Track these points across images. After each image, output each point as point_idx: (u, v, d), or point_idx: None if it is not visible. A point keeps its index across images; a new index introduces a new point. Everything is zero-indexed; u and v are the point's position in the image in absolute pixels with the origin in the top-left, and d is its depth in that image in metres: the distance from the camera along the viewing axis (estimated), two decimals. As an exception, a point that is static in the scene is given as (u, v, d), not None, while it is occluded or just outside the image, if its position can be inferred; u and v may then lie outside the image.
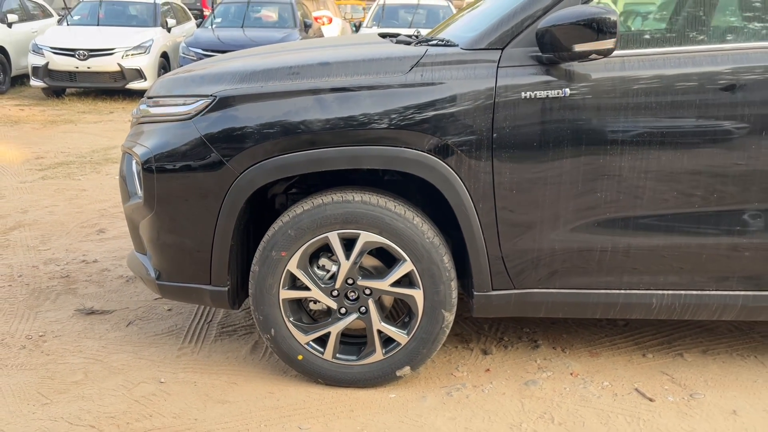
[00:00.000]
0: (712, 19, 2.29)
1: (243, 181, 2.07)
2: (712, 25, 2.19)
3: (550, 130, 1.99)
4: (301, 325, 2.23)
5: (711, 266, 2.10)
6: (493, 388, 2.30)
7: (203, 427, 2.07)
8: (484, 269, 2.14)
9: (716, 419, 2.12)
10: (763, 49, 1.98)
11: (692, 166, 2.00)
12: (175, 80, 2.33)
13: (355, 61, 2.12)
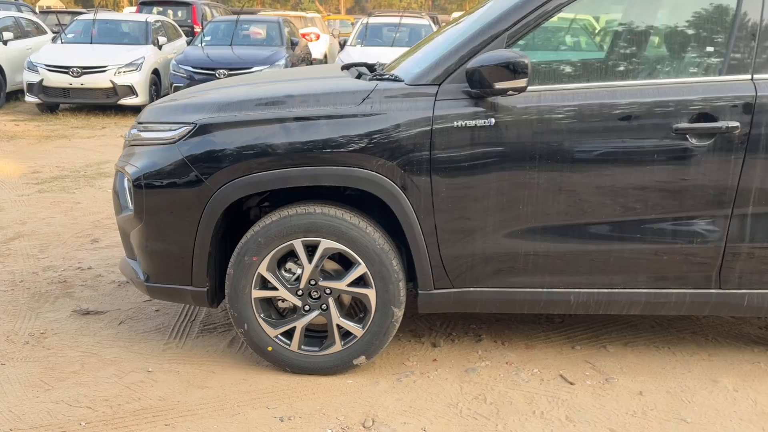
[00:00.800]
0: (612, 59, 2.67)
1: (219, 196, 2.43)
2: (612, 64, 2.57)
3: (479, 153, 2.36)
4: (270, 320, 2.58)
5: (618, 268, 2.47)
6: (438, 375, 2.65)
7: (184, 408, 2.41)
8: (427, 271, 2.50)
9: (624, 398, 2.48)
10: (653, 86, 2.36)
11: (599, 183, 2.37)
12: (163, 108, 2.69)
13: (316, 93, 2.49)
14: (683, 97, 2.32)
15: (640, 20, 2.56)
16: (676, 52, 2.51)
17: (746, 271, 2.44)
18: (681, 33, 2.51)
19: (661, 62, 2.52)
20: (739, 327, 3.07)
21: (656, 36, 2.58)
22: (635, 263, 2.46)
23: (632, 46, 2.57)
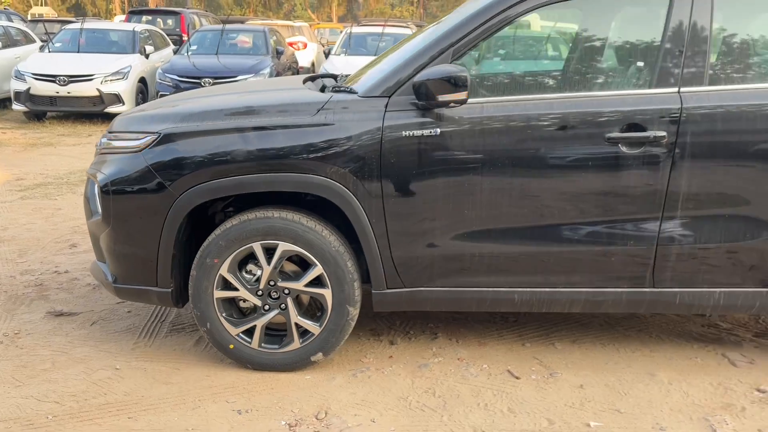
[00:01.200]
0: (551, 72, 2.84)
1: (181, 202, 2.57)
2: (550, 76, 2.73)
3: (426, 161, 2.52)
4: (232, 319, 2.72)
5: (558, 269, 2.62)
6: (392, 370, 2.80)
7: (147, 402, 2.54)
8: (380, 272, 2.65)
9: (565, 391, 2.63)
10: (588, 98, 2.53)
11: (538, 188, 2.53)
12: (131, 119, 2.84)
13: (274, 105, 2.64)
14: (615, 108, 2.49)
15: (578, 37, 2.72)
16: (610, 67, 2.68)
17: (678, 270, 2.59)
18: (615, 48, 2.68)
19: (595, 76, 2.68)
20: (682, 325, 3.23)
21: (591, 51, 2.75)
22: (574, 264, 2.62)
23: (570, 60, 2.73)
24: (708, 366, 2.84)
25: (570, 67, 2.70)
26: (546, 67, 2.98)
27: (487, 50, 2.80)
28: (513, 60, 3.03)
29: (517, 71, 2.97)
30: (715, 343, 3.04)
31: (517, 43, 3.11)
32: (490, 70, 2.81)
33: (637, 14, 2.66)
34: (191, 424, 2.41)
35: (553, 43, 2.98)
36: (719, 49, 2.56)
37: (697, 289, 2.62)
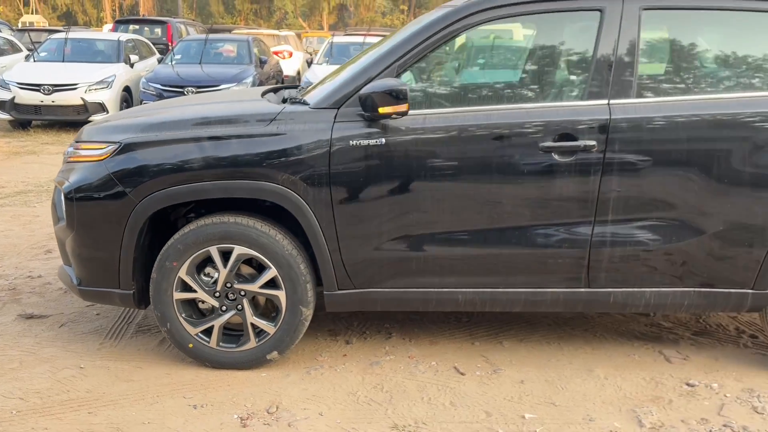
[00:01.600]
0: (490, 84, 3.01)
1: (141, 208, 2.71)
2: (489, 89, 2.90)
3: (372, 169, 2.67)
4: (191, 320, 2.86)
5: (499, 270, 2.78)
6: (345, 368, 2.94)
7: (108, 398, 2.67)
8: (331, 274, 2.79)
9: (506, 386, 2.78)
10: (524, 109, 2.69)
11: (478, 194, 2.69)
12: (95, 129, 2.98)
13: (229, 116, 2.80)
14: (549, 119, 2.65)
15: (515, 52, 2.89)
16: (544, 80, 2.85)
17: (611, 272, 2.75)
18: (549, 62, 2.85)
19: (531, 88, 2.85)
20: (626, 325, 3.39)
21: (527, 65, 2.92)
22: (513, 266, 2.77)
23: (507, 74, 2.90)
24: (644, 362, 3.00)
25: (507, 81, 2.87)
26: (486, 80, 3.15)
27: (430, 65, 2.96)
28: (455, 74, 3.19)
29: (458, 84, 3.13)
30: (654, 341, 3.20)
31: (459, 58, 3.28)
32: (434, 83, 2.97)
33: (570, 31, 2.83)
34: (148, 418, 2.54)
35: (492, 57, 3.16)
36: (645, 64, 2.73)
37: (630, 289, 2.78)
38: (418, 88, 2.84)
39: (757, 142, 2.62)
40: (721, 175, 2.62)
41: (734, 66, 2.76)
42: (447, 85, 3.02)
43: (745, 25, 2.73)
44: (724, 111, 2.64)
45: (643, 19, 2.69)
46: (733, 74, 2.76)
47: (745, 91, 2.71)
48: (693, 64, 2.80)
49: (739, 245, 2.70)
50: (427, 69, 2.92)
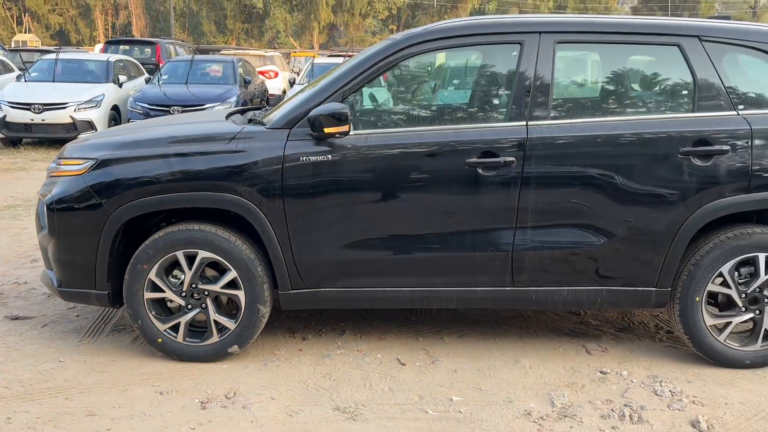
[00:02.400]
0: (425, 108, 3.39)
1: (115, 217, 3.05)
2: (424, 112, 3.28)
3: (320, 182, 3.03)
4: (160, 317, 3.19)
5: (434, 271, 3.13)
6: (299, 360, 3.28)
7: (83, 387, 2.99)
8: (284, 275, 3.14)
9: (440, 374, 3.12)
10: (453, 130, 3.07)
11: (414, 204, 3.05)
12: (76, 147, 3.33)
13: (194, 135, 3.16)
14: (474, 138, 3.03)
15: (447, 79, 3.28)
16: (471, 104, 3.23)
17: (532, 272, 3.11)
18: (476, 89, 3.24)
19: (459, 111, 3.23)
20: (558, 323, 3.75)
21: (457, 91, 3.30)
22: (447, 267, 3.13)
23: (439, 98, 3.28)
24: (567, 354, 3.35)
25: (439, 104, 3.25)
26: (421, 104, 3.53)
27: (373, 89, 3.34)
28: (395, 98, 3.57)
29: (397, 107, 3.51)
30: (580, 337, 3.55)
31: (399, 84, 3.66)
32: (376, 106, 3.35)
33: (495, 61, 3.22)
34: (118, 402, 2.86)
35: (426, 84, 3.54)
36: (558, 90, 3.12)
37: (549, 288, 3.14)
38: (362, 111, 3.22)
39: (654, 158, 3.00)
40: (623, 186, 3.00)
41: (634, 91, 3.15)
42: (387, 107, 3.40)
43: (643, 56, 3.13)
44: (626, 131, 3.03)
45: (557, 52, 3.08)
46: (633, 98, 3.16)
47: (645, 113, 3.10)
48: (599, 90, 3.19)
49: (643, 248, 3.07)
50: (369, 93, 3.30)
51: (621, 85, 3.18)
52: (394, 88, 3.54)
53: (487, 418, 2.76)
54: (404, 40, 3.13)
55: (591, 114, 3.10)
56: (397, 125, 3.19)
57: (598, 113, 3.11)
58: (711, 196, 2.99)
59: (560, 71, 3.12)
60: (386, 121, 3.23)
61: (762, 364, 3.15)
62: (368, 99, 3.29)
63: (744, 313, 3.11)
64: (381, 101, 3.37)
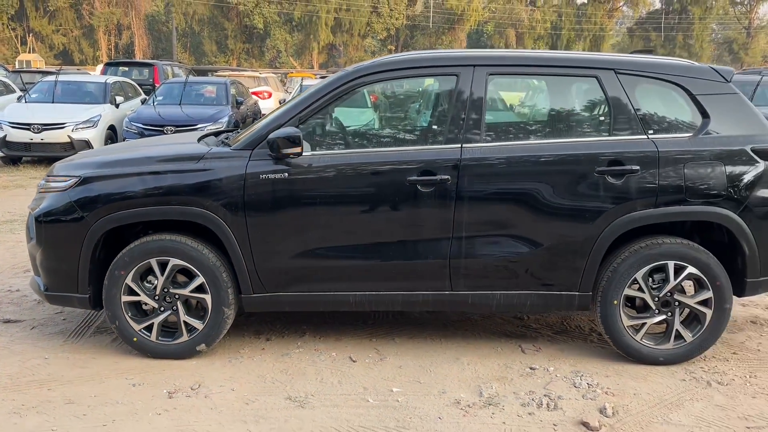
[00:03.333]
0: (372, 132, 3.79)
1: (95, 228, 3.43)
2: (371, 135, 3.67)
3: (278, 197, 3.41)
4: (135, 318, 3.55)
5: (380, 277, 3.49)
6: (261, 358, 3.63)
7: (65, 380, 3.35)
8: (246, 281, 3.51)
9: (386, 370, 3.48)
10: (396, 151, 3.46)
11: (362, 217, 3.42)
12: (63, 166, 3.73)
13: (168, 155, 3.55)
14: (414, 158, 3.41)
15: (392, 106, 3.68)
16: (414, 127, 3.62)
17: (468, 278, 3.47)
18: (418, 114, 3.63)
19: (402, 135, 3.62)
20: (502, 326, 4.10)
21: (401, 116, 3.69)
22: (392, 273, 3.50)
23: (385, 123, 3.68)
24: (504, 353, 3.70)
25: (385, 128, 3.64)
26: (368, 128, 3.93)
27: (327, 115, 3.73)
28: (347, 123, 3.96)
29: (349, 131, 3.91)
30: (518, 338, 3.91)
31: (351, 111, 4.06)
32: (330, 130, 3.74)
33: (434, 90, 3.62)
34: (95, 392, 3.22)
35: (375, 111, 3.95)
36: (490, 116, 3.51)
37: (483, 292, 3.51)
38: (318, 133, 3.61)
39: (573, 177, 3.38)
40: (547, 201, 3.38)
41: (557, 117, 3.54)
42: (340, 131, 3.79)
43: (565, 86, 3.53)
44: (550, 152, 3.41)
45: (489, 83, 3.48)
46: (556, 123, 3.55)
47: (566, 137, 3.49)
48: (526, 116, 3.59)
49: (566, 256, 3.44)
50: (324, 118, 3.69)
51: (545, 112, 3.58)
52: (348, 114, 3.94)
53: (421, 406, 3.11)
54: (354, 72, 3.53)
55: (519, 137, 3.50)
56: (347, 146, 3.59)
57: (524, 136, 3.51)
58: (623, 210, 3.37)
59: (492, 100, 3.51)
60: (338, 143, 3.62)
61: (674, 361, 3.50)
62: (330, 121, 3.67)
63: (657, 315, 3.48)
64: (334, 125, 3.75)
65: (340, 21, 55.91)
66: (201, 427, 2.93)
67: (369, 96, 6.49)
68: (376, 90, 3.83)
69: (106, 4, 57.69)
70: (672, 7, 56.87)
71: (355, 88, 3.52)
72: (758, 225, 3.39)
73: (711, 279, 3.41)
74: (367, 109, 6.27)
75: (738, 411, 3.07)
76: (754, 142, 3.41)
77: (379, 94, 3.81)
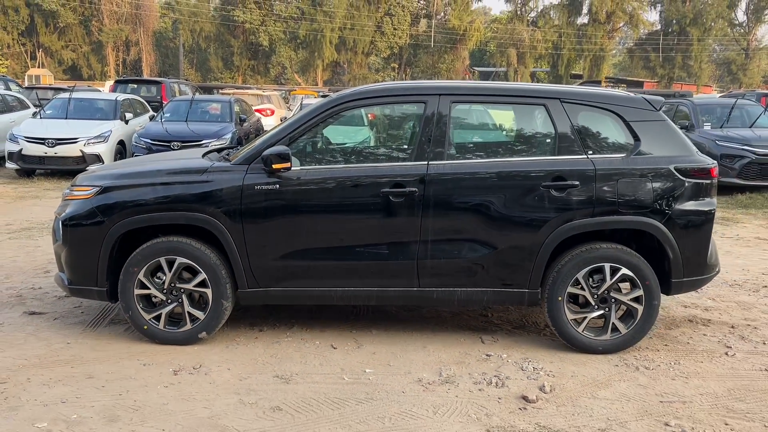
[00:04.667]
0: (353, 149, 4.36)
1: (113, 231, 4.01)
2: (351, 153, 4.24)
3: (270, 205, 3.98)
4: (146, 309, 4.11)
5: (358, 275, 4.05)
6: (254, 345, 4.18)
7: (85, 360, 3.90)
8: (242, 277, 4.07)
9: (362, 355, 4.02)
10: (373, 167, 4.03)
11: (342, 222, 3.99)
12: (86, 177, 4.31)
13: (176, 169, 4.14)
14: (387, 173, 3.99)
15: (370, 127, 4.26)
16: (389, 146, 4.20)
17: (433, 276, 4.03)
18: (392, 135, 4.21)
19: (379, 152, 4.20)
20: (468, 321, 4.65)
21: (378, 136, 4.27)
22: (367, 272, 4.05)
23: (363, 142, 4.26)
24: (465, 343, 4.25)
25: (363, 147, 4.22)
26: (350, 146, 4.51)
27: (314, 135, 4.31)
28: (330, 141, 4.55)
29: (332, 148, 4.49)
30: (480, 331, 4.45)
31: (336, 130, 4.64)
32: (316, 148, 4.33)
33: (406, 113, 4.20)
34: (111, 370, 3.77)
35: (355, 132, 4.53)
36: (453, 137, 4.09)
37: (446, 289, 4.06)
38: (306, 151, 4.19)
39: (524, 190, 3.95)
40: (501, 211, 3.94)
41: (511, 139, 4.12)
42: (325, 148, 4.38)
43: (518, 112, 4.11)
44: (504, 169, 3.98)
45: (453, 108, 4.07)
46: (510, 144, 4.12)
47: (518, 156, 4.07)
48: (484, 138, 4.16)
49: (517, 259, 3.99)
50: (311, 138, 4.27)
51: (501, 134, 4.16)
52: (330, 134, 4.52)
53: (388, 383, 3.66)
54: (337, 99, 4.13)
55: (478, 156, 4.07)
56: (330, 162, 4.17)
57: (483, 155, 4.08)
58: (565, 219, 3.93)
59: (454, 123, 4.09)
60: (323, 159, 4.20)
61: (611, 350, 4.04)
62: (317, 140, 4.25)
63: (596, 310, 4.03)
64: (320, 143, 4.34)
65: (345, 39, 56.92)
66: (201, 396, 3.48)
67: (366, 115, 7.19)
68: (355, 114, 4.41)
69: (115, 21, 58.91)
70: (671, 28, 57.76)
71: (338, 112, 4.11)
72: (680, 233, 3.95)
73: (641, 279, 3.96)
74: (364, 127, 6.92)
75: (656, 389, 3.61)
76: (678, 162, 3.98)
77: (359, 116, 4.39)
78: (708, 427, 3.22)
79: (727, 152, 10.49)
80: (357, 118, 13.07)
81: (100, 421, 3.21)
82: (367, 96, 4.14)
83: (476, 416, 3.31)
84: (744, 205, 9.86)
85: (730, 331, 4.52)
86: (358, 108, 4.14)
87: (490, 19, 68.69)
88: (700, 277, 4.09)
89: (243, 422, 3.23)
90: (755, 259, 6.66)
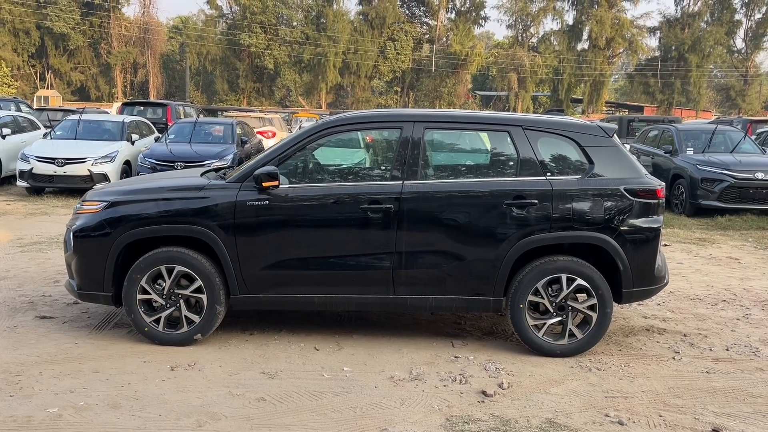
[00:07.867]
0: (336, 170, 4.83)
1: (119, 242, 4.46)
2: (335, 173, 4.71)
3: (260, 219, 4.43)
4: (147, 312, 4.54)
5: (339, 283, 4.48)
6: (244, 346, 4.60)
7: (91, 357, 4.32)
8: (234, 284, 4.50)
9: (341, 356, 4.43)
10: (353, 185, 4.48)
11: (326, 235, 4.43)
12: (95, 193, 4.78)
13: (176, 185, 4.60)
14: (366, 191, 4.43)
15: (351, 149, 4.72)
16: (367, 167, 4.65)
17: (407, 284, 4.45)
18: (371, 157, 4.67)
19: (359, 172, 4.65)
20: (443, 328, 5.06)
21: (359, 158, 4.73)
22: (347, 280, 4.48)
23: (345, 163, 4.72)
24: (437, 347, 4.65)
25: (346, 168, 4.68)
26: (334, 167, 4.97)
27: (301, 156, 4.76)
28: (316, 162, 5.01)
29: (317, 169, 4.95)
30: (452, 336, 4.86)
31: (321, 152, 5.10)
32: (303, 168, 4.78)
33: (384, 136, 4.66)
34: (115, 366, 4.19)
35: (338, 153, 5.00)
36: (426, 159, 4.55)
37: (419, 296, 4.48)
38: (294, 171, 4.65)
39: (488, 207, 4.38)
40: (468, 226, 4.38)
41: (477, 161, 4.57)
42: (312, 168, 4.83)
43: (484, 138, 4.57)
44: (471, 188, 4.43)
45: (426, 134, 4.53)
46: (477, 166, 4.57)
47: (484, 177, 4.52)
48: (454, 160, 4.61)
49: (482, 269, 4.41)
50: (299, 158, 4.73)
51: (469, 157, 4.61)
52: (316, 155, 4.98)
53: (363, 379, 4.07)
54: (323, 124, 4.60)
55: (448, 176, 4.52)
56: (314, 181, 4.63)
57: (452, 176, 4.53)
58: (525, 234, 4.36)
59: (427, 147, 4.55)
60: (309, 178, 4.66)
61: (568, 354, 4.44)
62: (305, 160, 4.69)
63: (555, 317, 4.44)
64: (307, 164, 4.79)
65: (348, 63, 57.92)
66: (194, 388, 3.89)
67: (364, 138, 7.63)
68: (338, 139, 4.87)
69: (123, 44, 60.17)
70: (670, 54, 58.63)
71: (324, 136, 4.58)
72: (629, 247, 4.37)
73: (595, 289, 4.38)
74: (360, 150, 7.40)
75: (603, 387, 4.01)
76: (627, 183, 4.43)
77: (342, 141, 4.85)
78: (643, 417, 3.62)
79: (707, 176, 10.93)
80: (354, 140, 13.66)
81: (104, 408, 3.62)
82: (350, 122, 4.61)
83: (438, 407, 3.71)
84: (723, 227, 10.27)
85: (681, 339, 4.92)
86: (342, 132, 4.61)
87: (492, 44, 69.84)
88: (648, 288, 4.51)
89: (231, 410, 3.64)
90: (722, 276, 7.06)
